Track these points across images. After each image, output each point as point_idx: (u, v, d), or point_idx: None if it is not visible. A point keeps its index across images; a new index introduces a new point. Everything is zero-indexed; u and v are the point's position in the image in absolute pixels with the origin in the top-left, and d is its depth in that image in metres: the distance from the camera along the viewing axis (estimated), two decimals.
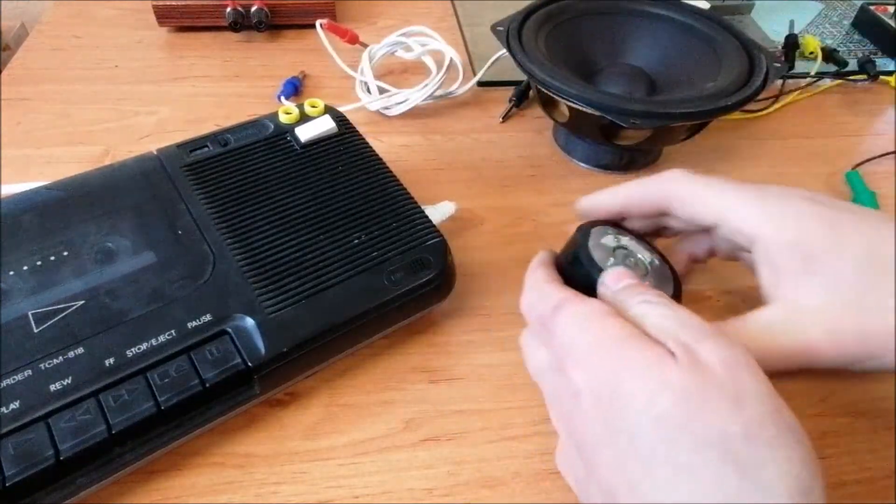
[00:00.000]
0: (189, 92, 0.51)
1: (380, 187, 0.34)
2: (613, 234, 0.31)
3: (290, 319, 0.28)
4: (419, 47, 0.51)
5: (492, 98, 0.52)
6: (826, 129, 0.51)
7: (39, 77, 0.51)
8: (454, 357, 0.33)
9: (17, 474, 0.23)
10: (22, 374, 0.25)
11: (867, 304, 0.27)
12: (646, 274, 0.29)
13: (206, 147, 0.35)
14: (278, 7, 0.56)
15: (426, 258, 0.32)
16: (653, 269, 0.30)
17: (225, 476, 0.28)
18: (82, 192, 0.32)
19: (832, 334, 0.27)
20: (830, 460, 0.30)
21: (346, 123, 0.37)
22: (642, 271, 0.29)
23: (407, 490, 0.28)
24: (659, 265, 0.30)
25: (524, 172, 0.45)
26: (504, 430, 0.31)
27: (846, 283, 0.27)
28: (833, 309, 0.28)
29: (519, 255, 0.39)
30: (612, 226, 0.32)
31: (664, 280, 0.30)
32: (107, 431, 0.24)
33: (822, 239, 0.28)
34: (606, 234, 0.31)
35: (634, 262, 0.30)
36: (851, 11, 0.65)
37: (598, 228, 0.31)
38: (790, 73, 0.55)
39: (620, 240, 0.31)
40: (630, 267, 0.29)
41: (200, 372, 0.26)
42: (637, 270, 0.29)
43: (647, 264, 0.30)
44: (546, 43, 0.43)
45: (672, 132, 0.42)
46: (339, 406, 0.31)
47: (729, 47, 0.43)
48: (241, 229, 0.31)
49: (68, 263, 0.29)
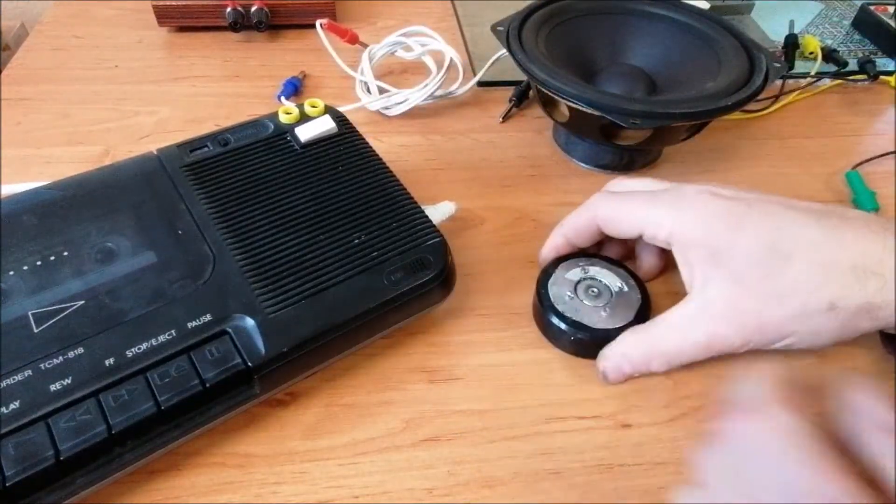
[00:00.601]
0: (189, 92, 0.51)
1: (380, 187, 0.34)
2: (582, 266, 0.35)
3: (290, 319, 0.28)
4: (419, 47, 0.51)
5: (492, 98, 0.52)
6: (826, 129, 0.51)
7: (39, 77, 0.51)
8: (454, 357, 0.33)
9: (17, 474, 0.23)
10: (22, 374, 0.25)
11: (764, 293, 0.29)
12: (609, 300, 0.33)
13: (206, 147, 0.35)
14: (278, 7, 0.56)
15: (426, 258, 0.32)
16: (617, 295, 0.34)
17: (225, 476, 0.28)
18: (82, 192, 0.32)
19: (735, 324, 0.30)
20: None
21: (346, 123, 0.37)
22: (605, 299, 0.33)
23: (407, 490, 0.28)
24: (626, 290, 0.34)
25: (524, 172, 0.45)
26: (504, 430, 0.31)
27: (745, 274, 0.30)
28: (735, 299, 0.30)
29: (519, 255, 0.39)
30: (587, 256, 0.36)
31: (629, 302, 0.34)
32: (107, 431, 0.24)
33: (725, 233, 0.30)
34: (574, 268, 0.35)
35: (598, 291, 0.34)
36: (851, 11, 0.65)
37: (567, 262, 0.35)
38: (790, 73, 0.55)
39: (588, 270, 0.35)
40: (593, 296, 0.34)
41: (200, 372, 0.26)
42: (601, 299, 0.33)
43: (613, 291, 0.34)
44: (546, 43, 0.43)
45: (672, 132, 0.42)
46: (339, 406, 0.31)
47: (729, 47, 0.43)
48: (241, 229, 0.31)
49: (68, 263, 0.29)
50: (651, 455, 0.30)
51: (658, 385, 0.33)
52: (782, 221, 0.30)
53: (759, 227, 0.30)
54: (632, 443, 0.30)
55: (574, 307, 0.33)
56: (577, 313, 0.33)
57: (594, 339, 0.32)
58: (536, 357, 0.34)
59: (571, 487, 0.29)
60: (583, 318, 0.33)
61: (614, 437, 0.31)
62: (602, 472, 0.29)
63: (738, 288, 0.30)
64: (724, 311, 0.30)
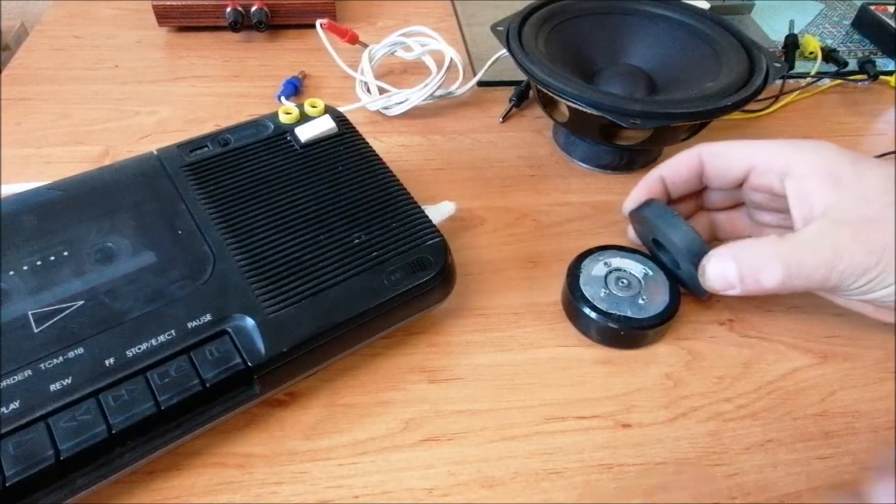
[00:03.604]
0: (189, 92, 0.51)
1: (380, 187, 0.34)
2: (603, 261, 0.35)
3: (290, 319, 0.28)
4: (419, 47, 0.51)
5: (492, 98, 0.52)
6: (826, 129, 0.51)
7: (39, 77, 0.51)
8: (454, 357, 0.33)
9: (17, 474, 0.23)
10: (22, 374, 0.25)
11: (892, 218, 0.28)
12: (640, 288, 0.34)
13: (206, 147, 0.35)
14: (278, 7, 0.56)
15: (426, 258, 0.32)
16: (645, 280, 0.34)
17: (225, 476, 0.28)
18: (82, 192, 0.32)
19: (863, 239, 0.28)
20: (830, 460, 0.30)
21: (346, 123, 0.37)
22: (636, 287, 0.34)
23: (407, 490, 0.28)
24: (651, 273, 0.34)
25: (524, 172, 0.45)
26: (504, 430, 0.31)
27: (872, 197, 0.29)
28: (862, 215, 0.29)
29: (519, 255, 0.39)
30: (600, 249, 0.36)
31: (659, 287, 0.34)
32: (107, 431, 0.24)
33: (848, 166, 0.30)
34: (596, 263, 0.35)
35: (627, 282, 0.34)
36: (851, 11, 0.65)
37: (587, 261, 0.35)
38: (790, 73, 0.55)
39: (611, 263, 0.35)
40: (624, 287, 0.34)
41: (200, 372, 0.26)
42: (632, 288, 0.33)
43: (639, 278, 0.34)
44: (546, 43, 0.43)
45: (672, 132, 0.42)
46: (339, 406, 0.31)
47: (729, 47, 0.43)
48: (241, 229, 0.31)
49: (68, 263, 0.29)
50: (651, 455, 0.30)
51: (658, 385, 0.33)
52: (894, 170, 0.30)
53: (877, 167, 0.30)
54: (632, 443, 0.30)
55: (615, 303, 0.33)
56: (621, 307, 0.33)
57: (643, 327, 0.33)
58: (536, 357, 0.34)
59: (571, 487, 0.29)
60: (626, 311, 0.33)
61: (614, 437, 0.31)
62: (602, 472, 0.29)
63: (866, 207, 0.29)
64: (852, 224, 0.28)
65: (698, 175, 0.34)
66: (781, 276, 0.29)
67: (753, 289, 0.30)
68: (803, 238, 0.29)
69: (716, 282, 0.30)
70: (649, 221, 0.33)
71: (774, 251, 0.29)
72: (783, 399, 0.32)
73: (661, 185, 0.35)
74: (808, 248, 0.29)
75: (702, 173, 0.34)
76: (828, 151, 0.31)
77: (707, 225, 0.38)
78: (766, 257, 0.29)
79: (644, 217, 0.34)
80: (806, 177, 0.30)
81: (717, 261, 0.30)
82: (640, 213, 0.34)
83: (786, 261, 0.29)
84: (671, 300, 0.33)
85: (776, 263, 0.29)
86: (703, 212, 0.38)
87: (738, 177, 0.33)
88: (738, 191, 0.35)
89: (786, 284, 0.29)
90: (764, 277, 0.29)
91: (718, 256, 0.30)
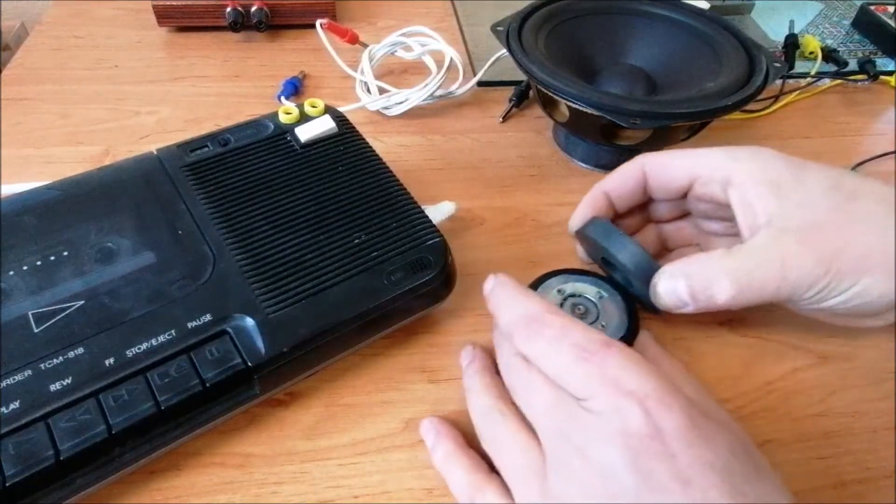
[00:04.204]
0: (189, 92, 0.51)
1: (380, 187, 0.34)
2: (556, 288, 0.34)
3: (290, 319, 0.28)
4: (419, 47, 0.51)
5: (492, 98, 0.52)
6: (826, 129, 0.51)
7: (39, 77, 0.51)
8: (454, 357, 0.33)
9: (17, 474, 0.23)
10: (22, 374, 0.25)
11: (838, 220, 0.28)
12: (598, 312, 0.33)
13: (206, 147, 0.35)
14: (278, 7, 0.56)
15: (426, 258, 0.32)
16: (601, 302, 0.33)
17: (225, 476, 0.28)
18: (82, 192, 0.32)
19: (811, 245, 0.28)
20: (830, 460, 0.30)
21: (346, 123, 0.37)
22: (594, 312, 0.33)
23: (407, 490, 0.28)
24: (606, 295, 0.33)
25: (524, 172, 0.45)
26: None
27: (815, 202, 0.29)
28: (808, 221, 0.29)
29: (519, 255, 0.39)
30: (555, 274, 0.35)
31: (616, 309, 0.33)
32: (107, 431, 0.24)
33: (787, 171, 0.30)
34: (549, 292, 0.34)
35: (584, 308, 0.33)
36: (851, 11, 0.65)
37: (540, 290, 0.34)
38: (790, 73, 0.55)
39: (564, 289, 0.34)
40: (580, 314, 0.33)
41: (200, 372, 0.26)
42: (590, 315, 0.33)
43: (595, 301, 0.33)
44: (546, 43, 0.43)
45: (672, 132, 0.42)
46: (339, 406, 0.31)
47: (729, 47, 0.43)
48: (241, 229, 0.31)
49: (68, 263, 0.29)
50: None
51: None
52: (839, 172, 0.30)
53: (819, 170, 0.30)
54: None
55: None
56: None
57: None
58: None
59: None
60: None
61: None
62: None
63: (810, 212, 0.28)
64: (797, 231, 0.28)
65: (642, 187, 0.33)
66: (732, 291, 0.28)
67: (707, 305, 0.29)
68: (750, 250, 0.29)
69: (668, 300, 0.30)
70: (596, 241, 0.32)
71: (723, 266, 0.29)
72: (783, 399, 0.32)
73: (605, 200, 0.34)
74: (756, 261, 0.28)
75: (646, 185, 0.33)
76: (766, 158, 0.30)
77: (655, 237, 0.37)
78: (716, 273, 0.28)
79: (589, 237, 0.33)
80: (746, 185, 0.30)
81: (668, 279, 0.29)
82: (585, 232, 0.33)
83: (734, 275, 0.28)
84: (630, 320, 0.32)
85: (725, 279, 0.28)
86: (650, 224, 0.37)
87: (682, 187, 0.32)
88: (683, 201, 0.34)
89: (737, 300, 0.28)
90: (716, 293, 0.28)
91: (669, 275, 0.30)
